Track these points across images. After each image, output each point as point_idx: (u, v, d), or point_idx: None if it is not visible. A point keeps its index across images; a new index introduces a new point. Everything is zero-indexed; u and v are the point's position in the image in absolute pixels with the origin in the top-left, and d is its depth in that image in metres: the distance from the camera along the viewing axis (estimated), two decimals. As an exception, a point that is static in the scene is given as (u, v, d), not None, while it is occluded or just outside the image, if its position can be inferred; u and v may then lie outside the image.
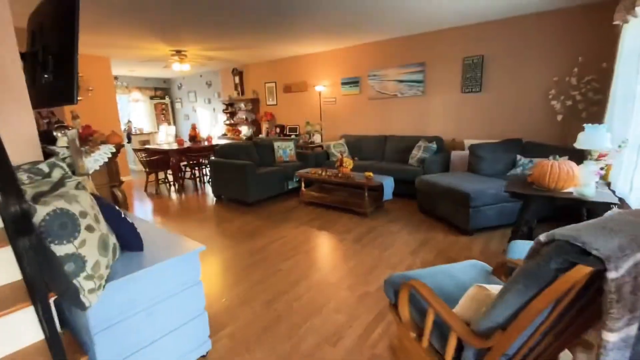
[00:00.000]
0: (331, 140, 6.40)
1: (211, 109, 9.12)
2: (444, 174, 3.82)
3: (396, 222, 3.68)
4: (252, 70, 7.57)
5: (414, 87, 5.21)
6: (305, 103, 6.77)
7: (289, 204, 4.55)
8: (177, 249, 1.55)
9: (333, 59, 6.11)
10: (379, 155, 5.37)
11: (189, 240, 1.67)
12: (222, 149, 4.82)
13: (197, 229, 3.69)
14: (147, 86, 9.69)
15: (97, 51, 5.70)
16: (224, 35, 4.84)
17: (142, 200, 5.08)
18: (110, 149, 2.17)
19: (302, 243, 3.17)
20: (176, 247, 1.59)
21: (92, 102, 6.09)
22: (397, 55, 5.31)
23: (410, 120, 5.39)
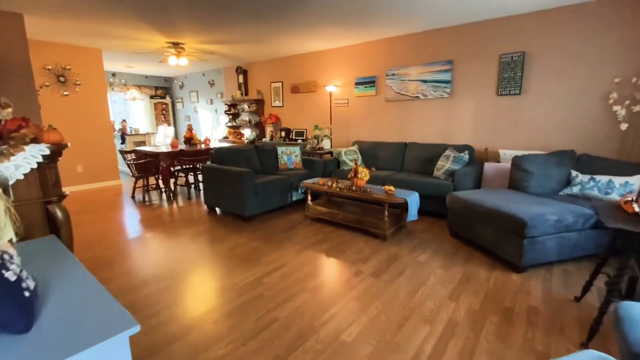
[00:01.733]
0: (342, 146, 5.74)
1: (213, 110, 8.55)
2: (483, 191, 3.13)
3: (423, 249, 2.98)
4: (258, 68, 6.98)
5: (439, 88, 4.54)
6: (314, 105, 6.14)
7: (292, 220, 3.88)
8: (94, 330, 0.89)
9: (347, 57, 5.48)
10: (398, 164, 4.69)
11: (122, 313, 1.00)
12: (217, 154, 4.19)
13: (180, 249, 3.04)
14: (147, 84, 9.18)
15: (87, 41, 5.16)
16: (223, 25, 4.24)
17: (124, 209, 4.46)
18: (41, 151, 1.53)
19: (306, 276, 2.49)
20: (96, 324, 0.92)
21: (79, 98, 5.54)
22: (420, 51, 4.66)
23: (434, 126, 4.71)
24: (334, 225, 3.65)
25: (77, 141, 5.57)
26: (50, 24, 4.11)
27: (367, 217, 3.34)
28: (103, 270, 2.62)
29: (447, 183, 3.70)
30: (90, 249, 3.06)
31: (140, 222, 3.88)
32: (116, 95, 8.59)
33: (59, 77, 5.26)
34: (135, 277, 2.50)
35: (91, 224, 3.80)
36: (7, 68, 3.68)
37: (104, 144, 5.91)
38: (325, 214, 3.69)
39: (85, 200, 4.98)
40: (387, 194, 3.20)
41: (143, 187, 5.08)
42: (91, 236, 3.41)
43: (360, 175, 3.44)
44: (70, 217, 1.75)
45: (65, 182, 5.46)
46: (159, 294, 2.25)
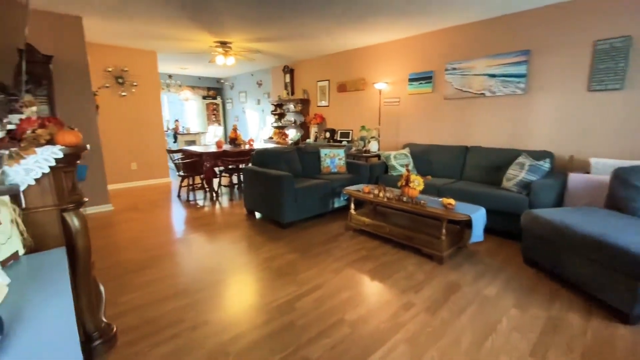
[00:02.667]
0: (391, 149, 5.26)
1: (260, 110, 8.55)
2: (574, 212, 2.49)
3: (491, 279, 2.44)
4: (304, 67, 6.76)
5: (511, 83, 3.87)
6: (361, 104, 5.74)
7: (332, 230, 3.53)
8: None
9: (399, 51, 4.99)
10: (456, 172, 4.10)
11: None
12: (258, 155, 4.00)
13: (214, 257, 2.87)
14: (200, 85, 9.51)
15: (143, 44, 5.34)
16: (270, 21, 4.04)
17: (168, 208, 4.49)
18: (54, 153, 1.38)
19: (345, 303, 2.13)
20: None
21: (135, 98, 5.78)
22: (488, 41, 4.02)
23: (503, 128, 4.03)
24: (380, 239, 3.23)
25: (132, 139, 5.83)
26: (107, 26, 4.26)
27: (420, 234, 2.86)
28: (135, 275, 2.52)
29: (520, 197, 3.07)
30: (127, 251, 3.02)
31: (181, 223, 3.83)
32: (172, 95, 9.00)
33: (117, 79, 5.53)
34: (165, 287, 2.35)
35: (134, 223, 3.83)
36: (67, 69, 3.86)
37: (156, 142, 6.12)
38: (369, 226, 3.28)
39: (136, 196, 5.15)
40: (447, 209, 2.70)
41: (188, 187, 5.12)
42: (132, 235, 3.41)
43: (413, 184, 2.97)
44: (87, 225, 1.59)
45: (121, 178, 5.75)
46: (185, 310, 2.06)
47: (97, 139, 4.23)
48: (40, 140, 1.42)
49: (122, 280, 2.46)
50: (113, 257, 2.87)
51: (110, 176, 5.57)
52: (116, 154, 5.67)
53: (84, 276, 1.62)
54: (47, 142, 1.44)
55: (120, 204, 4.70)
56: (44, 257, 1.31)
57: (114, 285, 2.38)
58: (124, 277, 2.50)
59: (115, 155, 5.65)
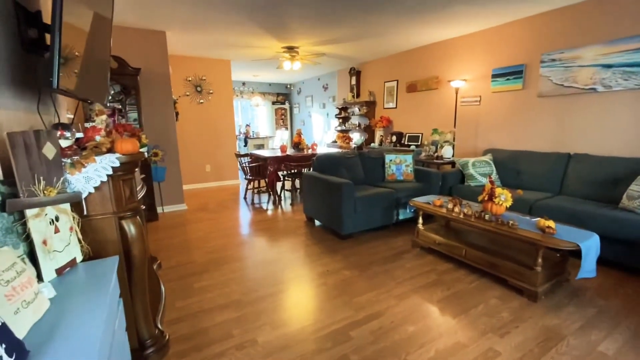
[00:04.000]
0: (468, 155, 4.66)
1: (325, 114, 8.50)
2: None
3: (608, 331, 1.86)
4: (371, 68, 6.47)
5: (635, 74, 3.03)
6: (433, 105, 5.22)
7: (396, 245, 3.19)
8: None
9: (480, 44, 4.38)
10: (554, 184, 3.39)
11: None
12: (319, 161, 3.86)
13: (270, 266, 2.79)
14: (270, 91, 9.89)
15: (218, 53, 5.68)
16: (335, 22, 3.88)
17: (234, 210, 4.63)
18: (112, 162, 1.39)
19: (409, 339, 1.81)
20: None
21: (211, 105, 6.19)
22: (601, 24, 3.23)
23: (623, 131, 3.19)
24: (453, 261, 2.79)
25: (207, 143, 6.25)
26: (187, 38, 4.60)
27: (506, 261, 2.36)
28: (196, 279, 2.57)
29: (652, 222, 2.34)
30: (193, 251, 3.13)
31: (243, 226, 3.89)
32: (244, 101, 9.53)
33: (196, 87, 5.99)
34: (220, 295, 2.32)
35: (203, 223, 4.02)
36: (152, 80, 4.25)
37: (228, 146, 6.47)
38: (441, 246, 2.86)
39: (208, 197, 5.48)
40: (545, 233, 2.17)
41: (253, 189, 5.25)
42: (199, 235, 3.56)
43: (499, 199, 2.48)
44: (144, 233, 1.59)
45: (196, 179, 6.20)
46: (235, 324, 1.98)
47: (175, 143, 4.58)
48: (102, 149, 1.44)
49: (183, 282, 2.52)
50: (179, 257, 2.99)
51: (187, 177, 6.05)
52: (192, 156, 6.14)
53: (140, 283, 1.63)
54: (108, 150, 1.47)
55: (193, 203, 5.04)
56: (97, 265, 1.31)
57: (175, 287, 2.44)
58: (185, 280, 2.56)
59: (191, 157, 6.12)
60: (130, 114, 4.07)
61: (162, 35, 4.23)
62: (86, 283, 1.17)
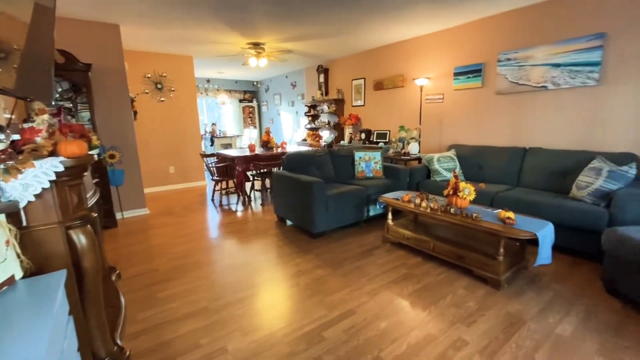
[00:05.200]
0: (434, 151, 4.81)
1: (294, 112, 8.43)
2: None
3: (563, 313, 1.98)
4: (339, 65, 6.49)
5: (581, 73, 3.28)
6: (399, 102, 5.34)
7: (367, 242, 3.22)
8: None
9: (443, 43, 4.53)
10: (512, 177, 3.58)
11: None
12: (289, 159, 3.80)
13: (240, 270, 2.70)
14: (237, 89, 9.62)
15: (179, 49, 5.41)
16: (301, 18, 3.82)
17: (201, 212, 4.45)
18: (55, 167, 1.25)
19: (382, 335, 1.82)
20: None
21: (173, 103, 5.90)
22: (551, 25, 3.46)
23: (571, 126, 3.44)
24: (422, 255, 2.86)
25: (170, 143, 5.95)
26: (144, 32, 4.32)
27: (471, 252, 2.46)
28: (158, 288, 2.42)
29: (597, 209, 2.53)
30: (156, 258, 2.95)
31: (211, 229, 3.74)
32: (209, 99, 9.20)
33: (156, 85, 5.67)
34: (186, 303, 2.21)
35: (167, 228, 3.82)
36: (105, 77, 3.95)
37: (193, 146, 6.20)
38: (410, 240, 2.92)
39: (172, 200, 5.22)
40: (505, 224, 2.27)
41: (221, 190, 5.08)
42: (163, 241, 3.37)
43: (463, 192, 2.57)
44: (97, 242, 1.46)
45: (159, 181, 5.89)
46: (203, 332, 1.88)
47: (134, 144, 4.30)
48: (43, 152, 1.29)
49: (146, 292, 2.36)
50: (141, 266, 2.81)
51: (148, 180, 5.73)
52: (154, 157, 5.82)
53: (94, 297, 1.49)
54: (50, 153, 1.32)
55: (156, 207, 4.77)
56: (41, 281, 1.18)
57: (137, 298, 2.29)
58: (148, 289, 2.40)
59: (153, 159, 5.80)
60: (83, 113, 3.76)
61: (116, 29, 3.94)
62: (26, 303, 1.04)
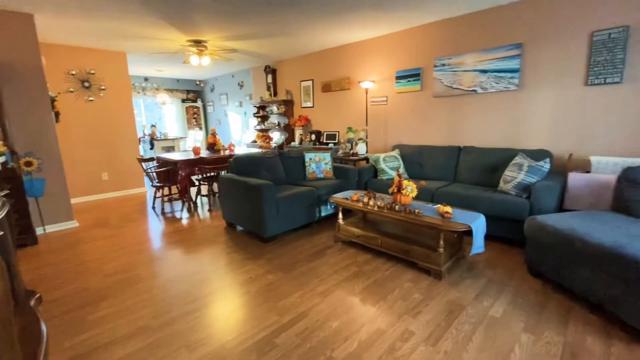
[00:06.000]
0: (380, 151, 5.02)
1: (242, 112, 8.19)
2: (582, 217, 2.27)
3: (495, 296, 2.19)
4: (287, 66, 6.46)
5: (503, 79, 3.66)
6: (347, 104, 5.47)
7: (319, 242, 3.24)
8: None
9: (386, 47, 4.74)
10: (449, 174, 3.87)
11: None
12: (236, 162, 3.67)
13: (185, 281, 2.53)
14: (179, 88, 9.07)
15: (110, 44, 4.93)
16: (246, 17, 3.71)
17: (141, 222, 4.10)
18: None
19: (334, 335, 1.83)
20: None
21: (104, 103, 5.36)
22: (478, 35, 3.81)
23: (497, 126, 3.82)
24: (372, 251, 2.96)
25: (102, 148, 5.40)
26: (65, 24, 3.86)
27: (415, 246, 2.60)
28: (89, 309, 2.17)
29: (520, 200, 2.85)
30: (87, 277, 2.65)
31: (153, 240, 3.46)
32: (148, 99, 8.55)
33: (83, 83, 5.10)
34: (125, 323, 2.00)
35: (101, 241, 3.45)
36: (18, 73, 3.45)
37: (129, 150, 5.70)
38: (360, 238, 3.00)
39: (107, 210, 4.74)
40: (444, 218, 2.44)
41: (163, 197, 4.73)
42: (95, 257, 3.03)
43: (406, 190, 2.71)
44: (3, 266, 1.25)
45: (90, 190, 5.32)
46: (140, 356, 1.72)
47: (57, 149, 3.81)
48: None
49: (73, 316, 2.10)
50: (68, 286, 2.50)
51: (77, 189, 5.15)
52: (83, 164, 5.23)
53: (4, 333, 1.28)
54: None
55: (87, 219, 4.29)
56: None
57: (62, 323, 2.02)
58: (76, 312, 2.14)
59: (82, 165, 5.22)
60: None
61: (29, 19, 3.45)
62: None
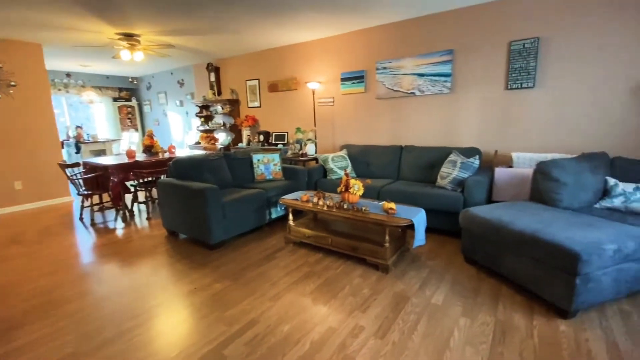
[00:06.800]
0: (329, 151, 5.09)
1: (184, 112, 7.72)
2: (506, 208, 2.53)
3: (437, 285, 2.34)
4: (231, 65, 6.23)
5: (438, 82, 3.94)
6: (295, 105, 5.45)
7: (270, 245, 3.17)
8: None
9: (331, 49, 4.82)
10: (394, 172, 4.06)
11: None
12: (176, 165, 3.43)
13: (118, 297, 2.29)
14: (109, 85, 8.25)
15: (22, 34, 4.29)
16: (183, 11, 3.49)
17: (66, 236, 3.63)
18: None
19: (285, 339, 1.80)
20: None
21: (16, 102, 4.66)
22: (415, 41, 4.05)
23: (433, 126, 4.11)
24: (323, 251, 2.98)
25: (14, 152, 4.69)
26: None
27: (364, 242, 2.67)
28: (0, 342, 1.85)
29: (455, 195, 3.09)
30: None
31: (81, 255, 3.08)
32: (72, 98, 7.63)
33: (-15, 77, 4.37)
34: (42, 354, 1.74)
35: (13, 262, 2.98)
36: None
37: (49, 155, 5.02)
38: (311, 238, 3.01)
39: (22, 223, 4.11)
40: (388, 214, 2.55)
41: (92, 207, 4.24)
42: (7, 280, 2.60)
43: (353, 189, 2.78)
44: None
45: (0, 202, 4.59)
46: (66, 387, 1.52)
47: (-50, 156, 3.20)
48: None
49: (-24, 353, 1.77)
50: (-32, 318, 2.10)
51: (-18, 201, 4.40)
52: (-11, 172, 4.49)
53: None
54: None
55: (-5, 236, 3.68)
56: None
57: (-40, 363, 1.70)
58: (-20, 348, 1.81)
59: (-12, 173, 4.47)
60: None
61: None
62: None
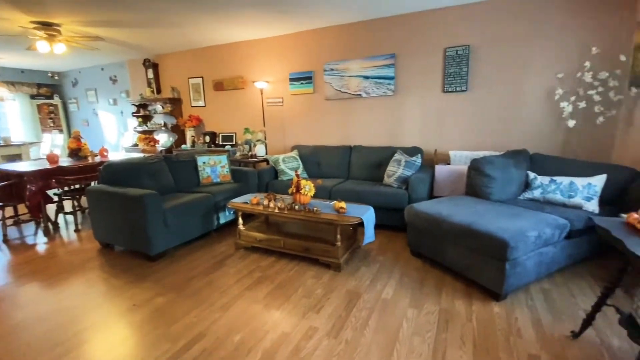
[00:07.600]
0: (279, 152, 5.02)
1: (118, 112, 7.05)
2: (445, 202, 2.71)
3: (386, 279, 2.43)
4: (171, 61, 5.83)
5: (382, 84, 4.11)
6: (243, 104, 5.29)
7: (219, 252, 3.02)
8: None
9: (279, 48, 4.76)
10: (344, 171, 4.14)
11: None
12: (109, 170, 3.10)
13: (39, 322, 1.99)
14: (25, 81, 7.21)
15: None
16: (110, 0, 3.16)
17: (-30, 257, 3.08)
18: None
19: (236, 350, 1.72)
20: None
21: None
22: (361, 43, 4.17)
23: (379, 127, 4.27)
24: (275, 254, 2.91)
25: None
26: None
27: (316, 242, 2.67)
28: None
29: (400, 192, 3.24)
30: None
31: (-13, 278, 2.63)
32: (-25, 94, 6.52)
33: None
34: None
35: None
36: None
37: (-56, 161, 4.22)
38: (262, 242, 2.92)
39: None
40: (339, 213, 2.58)
41: (5, 220, 3.66)
42: None
43: (304, 190, 2.76)
44: None
45: None
46: None
47: None
48: None
49: None
50: None
51: None
52: None
53: None
54: None
55: None
56: None
57: None
58: None
59: None
60: None
61: None
62: None
